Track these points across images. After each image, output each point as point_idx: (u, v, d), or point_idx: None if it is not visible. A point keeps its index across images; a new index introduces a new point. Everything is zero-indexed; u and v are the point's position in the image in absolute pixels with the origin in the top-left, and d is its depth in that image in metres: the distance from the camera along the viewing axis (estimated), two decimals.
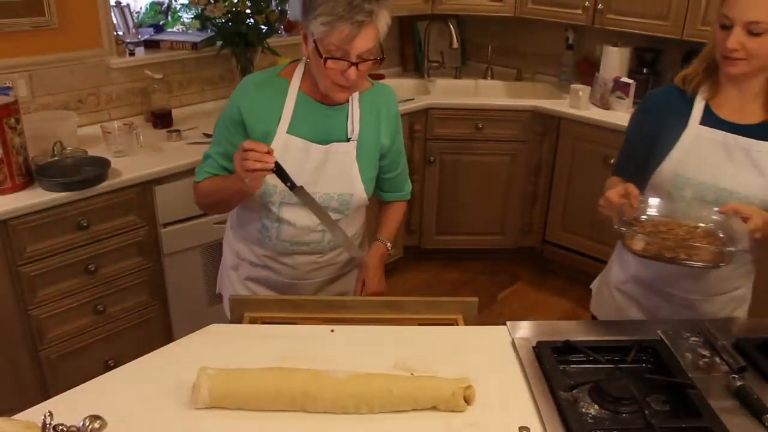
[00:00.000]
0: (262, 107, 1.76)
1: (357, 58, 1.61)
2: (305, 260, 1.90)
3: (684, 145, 1.74)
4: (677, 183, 1.75)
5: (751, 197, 1.67)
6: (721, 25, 1.61)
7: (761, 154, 1.67)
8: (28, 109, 2.79)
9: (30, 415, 1.23)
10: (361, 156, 1.81)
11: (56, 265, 2.43)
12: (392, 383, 1.33)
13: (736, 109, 1.72)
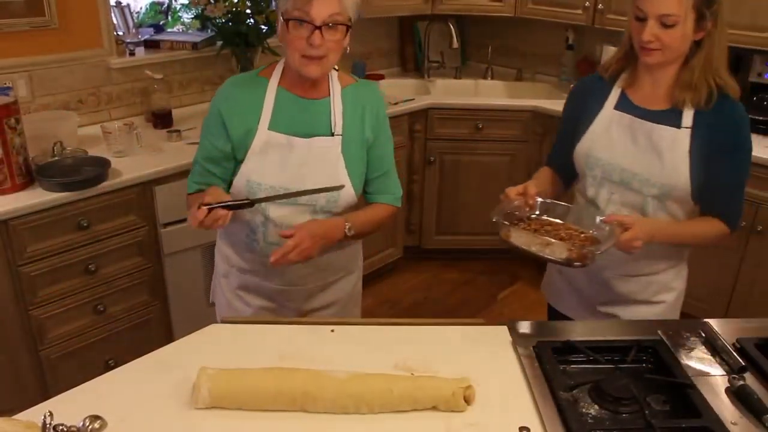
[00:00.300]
0: (242, 106, 1.76)
1: (322, 23, 1.60)
2: (294, 265, 1.82)
3: (596, 127, 1.85)
4: (589, 163, 1.86)
5: (652, 179, 1.75)
6: (636, 17, 1.67)
7: (661, 138, 1.74)
8: (29, 109, 2.79)
9: (30, 415, 1.23)
10: (347, 151, 1.79)
11: (56, 265, 2.43)
12: (392, 383, 1.33)
13: (648, 96, 1.79)
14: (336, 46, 1.67)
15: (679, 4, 1.61)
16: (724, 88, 1.71)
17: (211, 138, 1.79)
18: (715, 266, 3.26)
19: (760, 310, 3.11)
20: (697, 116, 1.72)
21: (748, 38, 3.17)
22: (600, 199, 1.86)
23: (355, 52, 4.16)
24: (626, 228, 1.62)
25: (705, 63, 1.69)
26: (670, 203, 1.79)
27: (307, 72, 1.68)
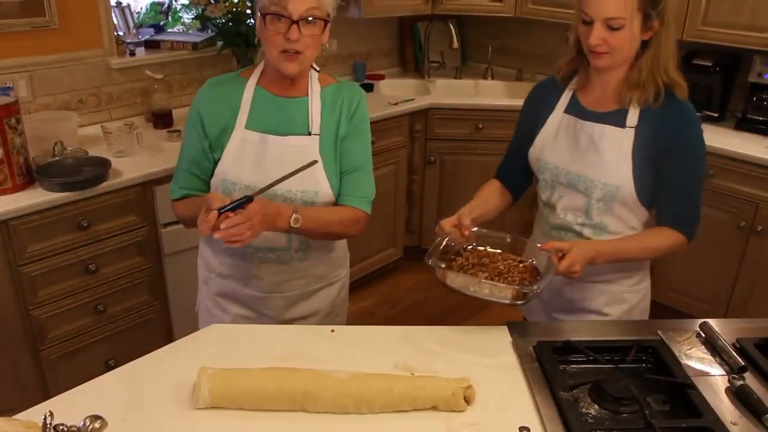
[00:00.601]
0: (220, 105, 1.74)
1: (299, 17, 1.58)
2: (273, 270, 1.82)
3: (546, 131, 1.84)
4: (539, 166, 1.86)
5: (594, 180, 1.73)
6: (582, 20, 1.64)
7: (602, 138, 1.72)
8: (29, 110, 2.79)
9: (30, 415, 1.24)
10: (324, 151, 1.75)
11: (57, 265, 2.43)
12: (392, 383, 1.33)
13: (598, 98, 1.77)
14: (313, 41, 1.64)
15: (624, 7, 1.58)
16: (672, 87, 1.69)
17: (191, 140, 1.76)
18: (715, 266, 3.26)
19: (760, 310, 3.11)
20: (642, 115, 1.70)
21: (748, 38, 3.17)
22: (552, 202, 1.85)
23: (355, 52, 4.17)
24: (564, 254, 1.60)
25: (653, 62, 1.67)
26: (617, 207, 1.74)
27: (285, 68, 1.66)
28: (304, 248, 1.81)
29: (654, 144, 1.69)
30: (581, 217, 1.80)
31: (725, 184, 3.14)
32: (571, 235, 1.82)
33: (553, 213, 1.86)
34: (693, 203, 1.74)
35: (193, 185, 1.80)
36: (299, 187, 1.71)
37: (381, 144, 3.53)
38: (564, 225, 1.83)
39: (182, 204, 1.81)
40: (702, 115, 3.51)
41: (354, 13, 3.73)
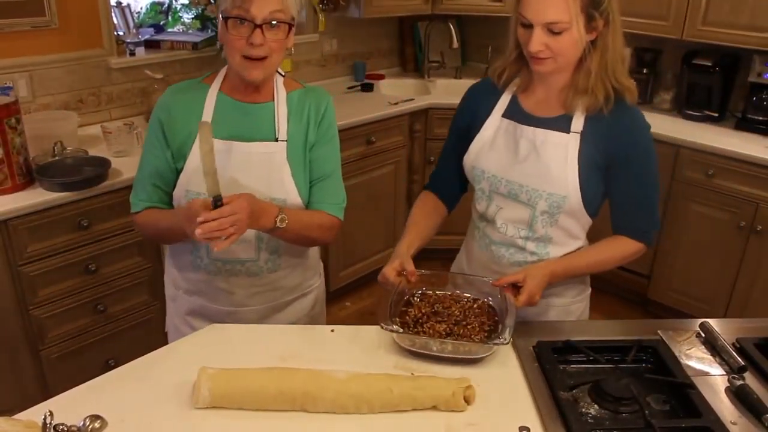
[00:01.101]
0: (182, 113, 1.67)
1: (262, 21, 1.52)
2: (242, 283, 1.74)
3: (482, 136, 1.73)
4: (475, 175, 1.74)
5: (539, 190, 1.63)
6: (521, 23, 1.55)
7: (545, 144, 1.63)
8: (29, 109, 2.79)
9: (30, 415, 1.24)
10: (293, 158, 1.68)
11: (57, 265, 2.43)
12: (392, 383, 1.33)
13: (541, 102, 1.68)
14: (278, 46, 1.58)
15: (566, 10, 1.48)
16: (621, 93, 1.60)
17: (153, 150, 1.69)
18: (715, 266, 3.26)
19: (760, 309, 3.11)
20: (589, 122, 1.61)
21: (748, 38, 3.18)
22: (490, 215, 1.74)
23: (355, 52, 4.17)
24: (518, 286, 1.56)
25: (600, 65, 1.56)
26: (563, 218, 1.65)
27: (249, 75, 1.59)
28: (274, 258, 1.74)
29: (603, 152, 1.61)
30: (524, 230, 1.69)
31: (725, 184, 3.14)
32: (513, 250, 1.72)
33: (491, 227, 1.74)
34: (650, 210, 1.67)
35: (155, 198, 1.72)
36: (267, 195, 1.63)
37: (381, 144, 3.53)
38: (505, 240, 1.72)
39: (146, 216, 1.72)
40: (702, 114, 3.52)
41: (354, 13, 3.74)
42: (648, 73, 3.78)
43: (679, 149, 3.26)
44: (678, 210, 3.34)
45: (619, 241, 1.69)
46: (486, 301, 1.63)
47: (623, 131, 1.61)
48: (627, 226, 1.69)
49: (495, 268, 1.75)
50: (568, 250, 1.71)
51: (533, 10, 1.50)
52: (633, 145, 1.62)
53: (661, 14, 3.43)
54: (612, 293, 3.79)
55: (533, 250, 1.70)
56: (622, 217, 1.69)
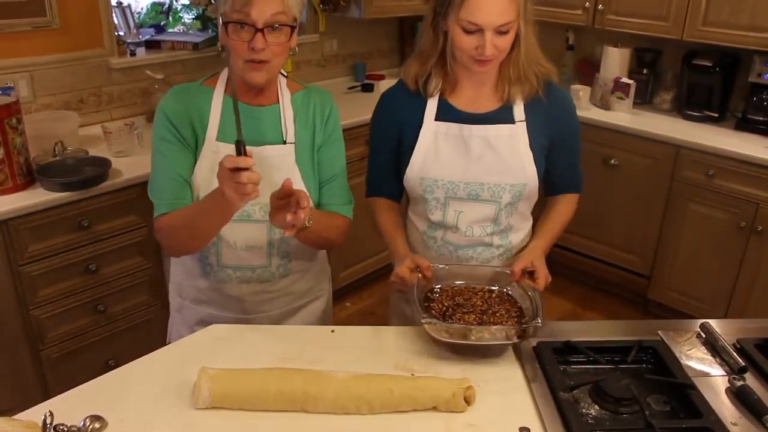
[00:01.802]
0: (188, 118, 1.62)
1: (264, 25, 1.48)
2: (253, 290, 1.71)
3: (422, 145, 1.69)
4: (426, 186, 1.70)
5: (501, 184, 1.67)
6: (464, 29, 1.54)
7: (499, 138, 1.66)
8: (30, 109, 2.79)
9: (31, 415, 1.24)
10: (301, 160, 1.66)
11: (57, 265, 2.44)
12: (393, 383, 1.33)
13: (472, 99, 1.69)
14: (281, 49, 1.54)
15: (515, 9, 1.52)
16: (547, 75, 1.67)
17: (170, 147, 1.61)
18: (716, 266, 3.26)
19: (761, 310, 3.11)
20: (528, 108, 1.67)
21: (748, 39, 3.18)
22: (448, 222, 1.72)
23: (355, 52, 4.17)
24: (531, 271, 1.61)
25: (526, 54, 1.62)
26: (521, 204, 1.72)
27: (252, 78, 1.56)
28: (285, 263, 1.71)
29: (545, 133, 1.69)
30: (489, 227, 1.72)
31: (725, 185, 3.14)
32: (480, 249, 1.74)
33: (453, 233, 1.73)
34: (578, 168, 1.82)
35: (182, 194, 1.62)
36: None
37: None
38: (472, 241, 1.73)
39: (171, 216, 1.59)
40: (702, 114, 3.52)
41: (354, 14, 3.73)
42: (648, 73, 3.78)
43: (680, 149, 3.26)
44: (678, 210, 3.34)
45: (566, 198, 1.82)
46: (502, 289, 1.65)
47: (559, 111, 1.71)
48: (567, 185, 1.82)
49: (464, 271, 1.72)
50: (524, 233, 1.80)
51: (484, 15, 1.50)
52: (568, 121, 1.74)
53: (662, 14, 3.43)
54: (612, 293, 3.80)
55: (499, 243, 1.75)
56: (562, 181, 1.81)
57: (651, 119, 3.57)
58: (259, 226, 1.64)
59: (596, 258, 3.69)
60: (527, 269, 1.61)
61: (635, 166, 3.44)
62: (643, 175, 3.41)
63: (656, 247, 3.48)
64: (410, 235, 1.83)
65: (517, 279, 1.61)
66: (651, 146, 3.36)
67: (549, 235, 1.76)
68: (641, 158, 3.40)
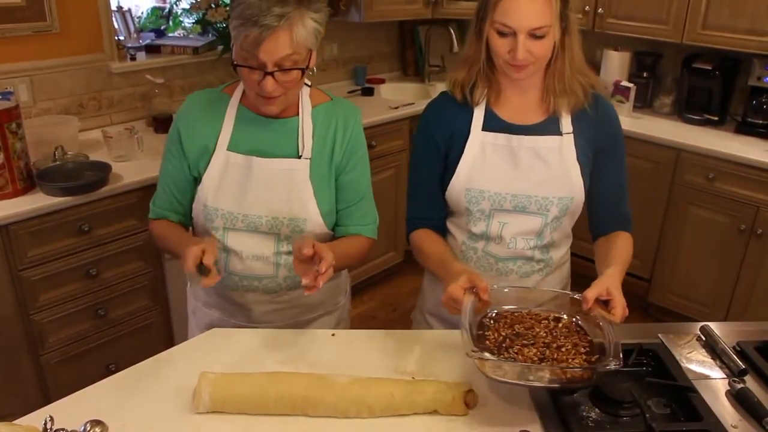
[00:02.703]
0: (201, 124, 1.62)
1: (273, 67, 1.44)
2: (259, 299, 1.69)
3: (469, 155, 1.64)
4: (471, 197, 1.64)
5: (550, 197, 1.62)
6: (499, 32, 1.51)
7: (548, 150, 1.61)
8: (30, 114, 2.80)
9: (31, 420, 1.24)
10: (316, 177, 1.62)
11: (57, 270, 2.43)
12: (393, 387, 1.33)
13: (518, 110, 1.65)
14: (294, 84, 1.50)
15: (550, 14, 1.48)
16: (594, 87, 1.64)
17: (171, 159, 1.66)
18: (716, 269, 3.26)
19: (761, 313, 3.11)
20: (575, 120, 1.63)
21: (748, 42, 3.18)
22: (492, 232, 1.66)
23: (355, 56, 4.18)
24: (607, 300, 1.39)
25: (571, 65, 1.58)
26: (566, 219, 1.67)
27: (265, 111, 1.55)
28: (294, 276, 1.65)
29: (591, 145, 1.64)
30: (533, 240, 1.67)
31: (725, 188, 3.14)
32: (521, 262, 1.69)
33: (496, 244, 1.67)
34: (626, 198, 1.73)
35: (170, 207, 1.70)
36: (286, 215, 1.60)
37: (381, 148, 3.53)
38: (514, 254, 1.68)
39: (158, 227, 1.70)
40: (702, 118, 3.52)
41: (354, 17, 3.74)
42: (648, 76, 3.79)
43: (680, 153, 3.26)
44: (678, 213, 3.34)
45: (622, 236, 1.69)
46: (571, 318, 1.45)
47: (606, 122, 1.66)
48: (615, 217, 1.71)
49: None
50: (564, 250, 1.75)
51: (516, 18, 1.47)
52: (617, 137, 1.68)
53: (662, 18, 3.44)
54: None
55: (539, 258, 1.70)
56: (614, 213, 1.71)
57: (651, 123, 3.57)
58: (266, 237, 1.63)
59: None
60: (601, 297, 1.40)
61: (635, 170, 3.43)
62: (643, 179, 3.41)
63: (657, 250, 3.48)
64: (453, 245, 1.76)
65: (589, 307, 1.39)
66: (651, 149, 3.36)
67: (622, 264, 1.56)
68: (641, 162, 3.40)
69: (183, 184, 1.67)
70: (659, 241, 3.45)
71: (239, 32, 1.42)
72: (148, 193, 2.57)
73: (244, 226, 1.61)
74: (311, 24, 1.45)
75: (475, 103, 1.65)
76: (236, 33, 1.43)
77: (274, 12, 1.38)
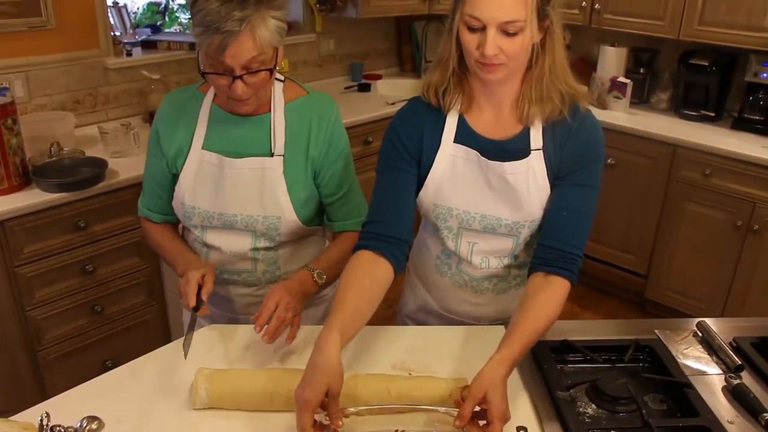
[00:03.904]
0: (176, 124, 1.63)
1: (241, 70, 1.42)
2: (239, 292, 1.72)
3: (438, 169, 1.51)
4: (438, 214, 1.54)
5: (521, 221, 1.49)
6: (468, 26, 1.36)
7: (515, 176, 1.46)
8: (25, 110, 2.79)
9: (27, 417, 1.23)
10: (290, 174, 1.60)
11: (54, 266, 2.43)
12: (390, 383, 1.33)
13: (491, 121, 1.50)
14: (263, 83, 1.49)
15: (524, 7, 1.32)
16: (575, 97, 1.46)
17: (152, 158, 1.68)
18: (712, 266, 3.27)
19: (757, 308, 3.12)
20: (546, 133, 1.47)
21: (745, 38, 3.18)
22: (462, 252, 1.58)
23: (352, 52, 4.17)
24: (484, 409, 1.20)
25: (551, 70, 1.43)
26: (536, 235, 1.52)
27: (238, 111, 1.56)
28: (273, 270, 1.69)
29: (559, 161, 1.47)
30: (506, 259, 1.58)
31: (722, 184, 3.15)
32: (496, 280, 1.60)
33: (468, 264, 1.59)
34: (584, 238, 1.46)
35: (154, 205, 1.72)
36: (260, 213, 1.60)
37: (378, 144, 3.52)
38: (487, 273, 1.59)
39: (150, 231, 1.74)
40: (699, 114, 3.52)
41: (351, 13, 3.74)
42: (645, 72, 3.79)
43: (676, 149, 3.26)
44: (675, 209, 3.34)
45: (552, 287, 1.41)
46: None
47: (580, 139, 1.46)
48: (558, 252, 1.42)
49: (480, 301, 1.65)
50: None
51: (486, 9, 1.32)
52: (589, 156, 1.47)
53: (658, 14, 3.44)
54: (609, 293, 3.80)
55: (516, 273, 1.62)
56: (556, 244, 1.43)
57: (648, 119, 3.57)
58: (242, 234, 1.64)
59: (593, 257, 3.69)
60: (481, 405, 1.20)
61: (632, 166, 3.44)
62: (640, 175, 3.42)
63: (653, 246, 3.49)
64: (421, 257, 1.71)
65: (463, 425, 1.19)
66: (648, 146, 3.36)
67: (519, 343, 1.29)
68: (638, 158, 3.41)
69: (164, 182, 1.68)
70: (656, 238, 3.46)
71: (202, 40, 1.40)
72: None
73: (220, 224, 1.63)
74: (273, 23, 1.43)
75: (446, 109, 1.52)
76: (200, 40, 1.41)
77: (234, 17, 1.36)
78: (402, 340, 1.56)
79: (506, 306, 1.65)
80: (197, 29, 1.40)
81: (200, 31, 1.39)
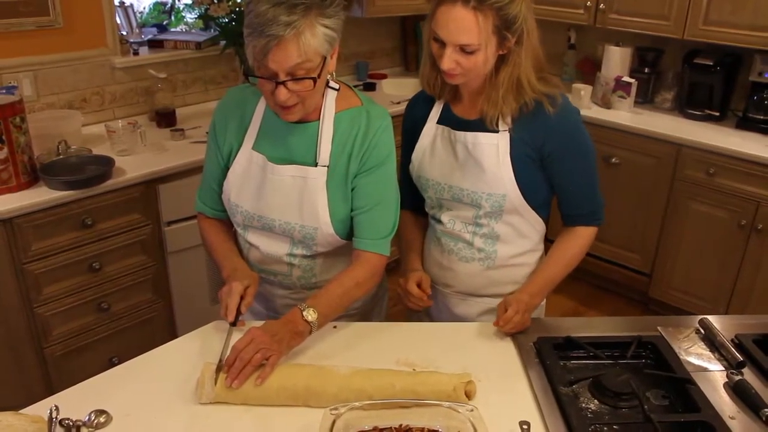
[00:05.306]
0: (233, 119, 1.62)
1: (285, 76, 1.39)
2: (277, 293, 1.73)
3: (421, 145, 1.75)
4: (421, 185, 1.77)
5: (479, 192, 1.65)
6: (434, 38, 1.56)
7: (477, 146, 1.64)
8: (33, 108, 2.81)
9: (36, 410, 1.25)
10: (332, 185, 1.56)
11: (61, 263, 2.45)
12: (395, 378, 1.34)
13: (467, 107, 1.69)
14: (309, 93, 1.44)
15: (477, 35, 1.48)
16: (542, 100, 1.58)
17: (209, 152, 1.68)
18: (716, 265, 3.27)
19: (761, 308, 3.12)
20: (520, 118, 1.61)
21: (749, 38, 3.18)
22: (438, 216, 1.78)
23: (357, 51, 4.18)
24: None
25: (509, 81, 1.57)
26: (507, 216, 1.68)
27: (285, 119, 1.51)
28: (308, 277, 1.68)
29: (534, 147, 1.62)
30: (471, 227, 1.72)
31: (726, 183, 3.15)
32: (462, 245, 1.74)
33: (439, 222, 1.78)
34: (594, 195, 1.71)
35: (210, 199, 1.71)
36: (297, 221, 1.58)
37: None
38: (453, 234, 1.75)
39: (205, 228, 1.74)
40: (703, 113, 3.52)
41: (356, 13, 3.75)
42: (649, 72, 3.79)
43: (681, 148, 3.27)
44: (679, 209, 3.34)
45: (576, 232, 1.72)
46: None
47: (551, 131, 1.61)
48: (579, 218, 1.72)
49: (445, 263, 1.79)
50: (518, 249, 1.73)
51: (446, 32, 1.51)
52: (566, 140, 1.63)
53: (663, 14, 3.44)
54: (613, 292, 3.80)
55: (481, 246, 1.73)
56: (571, 210, 1.72)
57: (652, 118, 3.57)
58: (280, 238, 1.64)
59: (598, 256, 3.69)
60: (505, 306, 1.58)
61: (636, 165, 3.44)
62: (644, 174, 3.42)
63: (657, 245, 3.49)
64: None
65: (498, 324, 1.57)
66: (652, 145, 3.36)
67: (541, 276, 1.71)
68: (642, 157, 3.41)
69: (219, 175, 1.67)
70: (660, 237, 3.46)
71: (249, 42, 1.39)
72: (150, 188, 2.60)
73: (260, 225, 1.63)
74: (322, 30, 1.38)
75: (438, 97, 1.73)
76: (247, 42, 1.40)
77: (280, 21, 1.33)
78: (406, 336, 1.57)
79: (471, 281, 1.78)
80: (246, 30, 1.39)
81: (248, 32, 1.38)
